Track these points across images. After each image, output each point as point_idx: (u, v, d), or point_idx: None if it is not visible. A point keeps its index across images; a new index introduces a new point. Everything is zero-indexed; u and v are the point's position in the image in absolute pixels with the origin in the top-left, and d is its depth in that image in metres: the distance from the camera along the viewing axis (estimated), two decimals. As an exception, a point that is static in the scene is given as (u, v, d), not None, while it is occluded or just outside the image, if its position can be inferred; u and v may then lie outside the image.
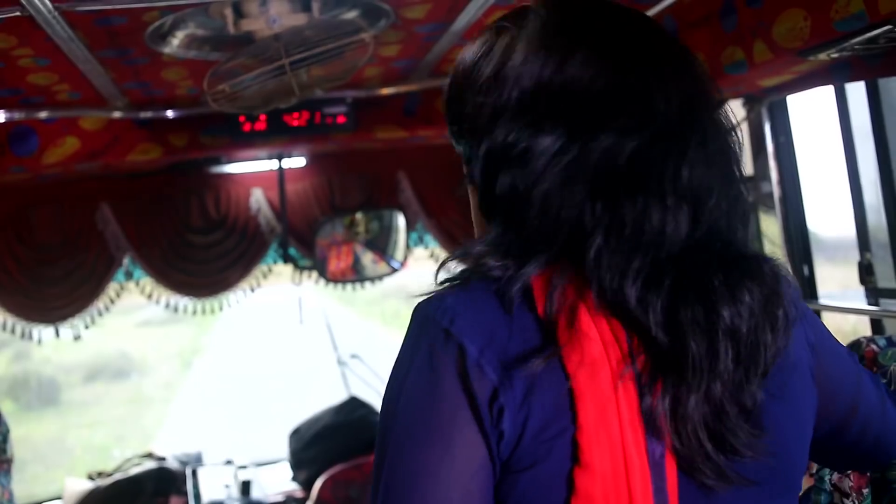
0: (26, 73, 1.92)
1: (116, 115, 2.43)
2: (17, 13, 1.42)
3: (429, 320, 0.81)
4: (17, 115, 2.31)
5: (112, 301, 3.10)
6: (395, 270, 3.13)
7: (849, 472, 1.33)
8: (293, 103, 1.93)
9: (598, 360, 0.76)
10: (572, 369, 0.75)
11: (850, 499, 1.30)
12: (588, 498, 0.74)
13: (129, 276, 3.10)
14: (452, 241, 3.23)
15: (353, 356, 3.78)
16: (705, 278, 0.78)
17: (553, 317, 0.77)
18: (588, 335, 0.76)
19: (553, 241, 0.80)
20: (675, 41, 0.87)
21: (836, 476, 1.40)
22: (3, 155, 2.39)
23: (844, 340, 1.16)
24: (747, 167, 2.43)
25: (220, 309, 3.32)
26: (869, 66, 1.64)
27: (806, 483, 1.38)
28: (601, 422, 0.74)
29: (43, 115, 2.33)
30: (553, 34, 0.85)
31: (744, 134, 1.84)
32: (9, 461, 2.48)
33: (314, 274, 3.11)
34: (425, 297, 0.85)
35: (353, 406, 3.29)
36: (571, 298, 0.78)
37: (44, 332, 3.08)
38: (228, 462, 3.29)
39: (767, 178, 2.35)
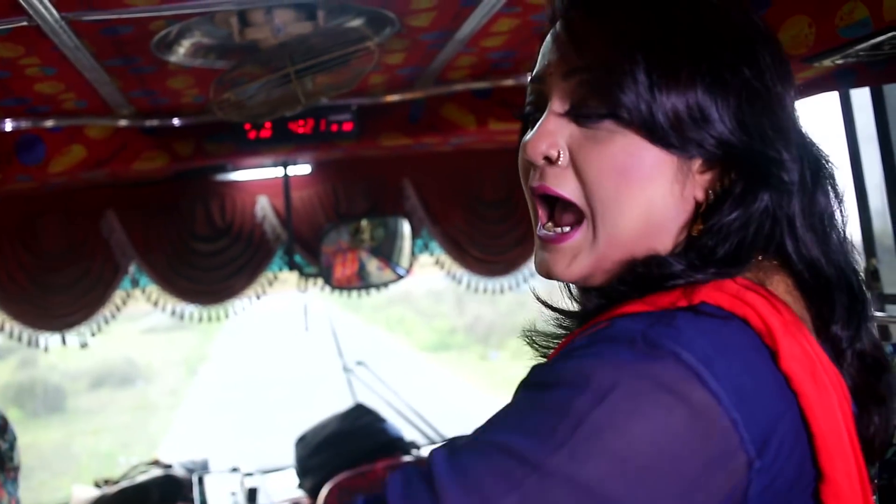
0: (33, 83, 1.93)
1: (122, 123, 2.44)
2: (25, 23, 1.42)
3: (662, 356, 0.65)
4: (24, 124, 2.31)
5: (118, 308, 3.10)
6: (400, 277, 3.14)
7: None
8: (298, 111, 1.93)
9: (835, 413, 0.71)
10: (817, 425, 0.69)
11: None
12: None
13: (135, 283, 3.11)
14: (458, 247, 3.24)
15: (359, 363, 3.77)
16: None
17: (793, 364, 0.69)
18: (826, 386, 0.71)
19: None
20: None
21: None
22: (9, 164, 2.40)
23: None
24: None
25: (226, 316, 3.32)
26: (873, 72, 1.64)
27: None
28: (847, 478, 0.70)
29: (49, 123, 2.34)
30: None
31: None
32: (16, 469, 2.48)
33: (320, 281, 3.11)
34: (628, 319, 0.71)
35: (359, 413, 3.28)
36: (807, 343, 0.72)
37: (50, 339, 3.08)
38: (234, 469, 3.29)
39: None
